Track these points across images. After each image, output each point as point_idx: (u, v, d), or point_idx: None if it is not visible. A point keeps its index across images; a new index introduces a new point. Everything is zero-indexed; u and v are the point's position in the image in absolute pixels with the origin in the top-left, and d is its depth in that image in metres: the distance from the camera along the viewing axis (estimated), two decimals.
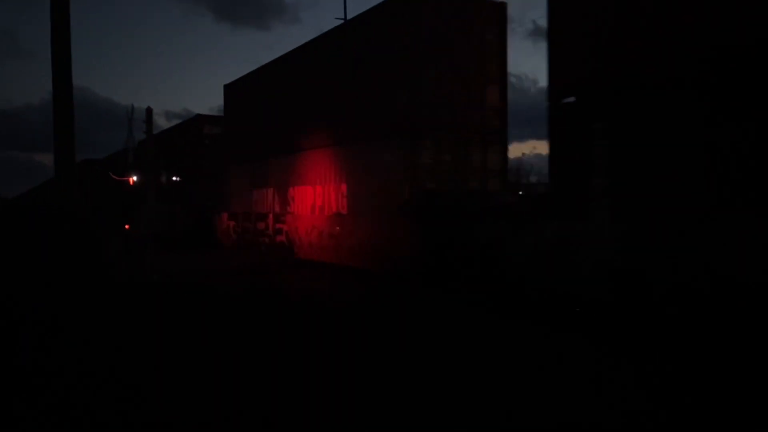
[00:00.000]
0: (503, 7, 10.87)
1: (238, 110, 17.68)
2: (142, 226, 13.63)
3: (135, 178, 16.99)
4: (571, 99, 6.98)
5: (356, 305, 8.37)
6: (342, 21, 34.76)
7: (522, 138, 56.62)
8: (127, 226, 15.90)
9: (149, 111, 17.30)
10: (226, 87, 18.18)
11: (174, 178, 19.31)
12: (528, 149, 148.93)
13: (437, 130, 10.29)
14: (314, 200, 13.09)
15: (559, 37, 7.32)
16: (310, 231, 13.12)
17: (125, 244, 14.14)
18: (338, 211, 12.03)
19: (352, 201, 11.67)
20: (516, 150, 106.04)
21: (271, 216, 15.02)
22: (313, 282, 10.65)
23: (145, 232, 13.02)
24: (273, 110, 15.06)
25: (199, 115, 22.89)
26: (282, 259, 13.30)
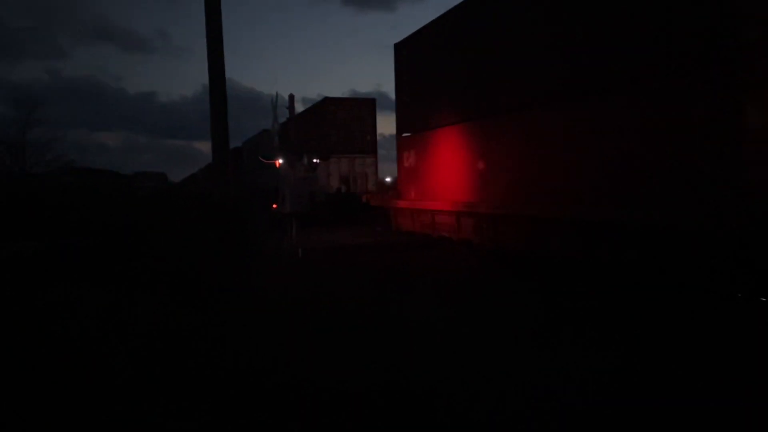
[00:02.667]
0: None
1: (415, 70, 14.39)
2: (286, 205, 14.98)
3: (280, 160, 18.59)
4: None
5: None
6: None
7: None
8: (274, 206, 17.55)
9: (291, 98, 18.71)
10: (397, 45, 15.28)
11: (315, 160, 20.81)
12: None
13: None
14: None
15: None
16: None
17: (271, 222, 15.69)
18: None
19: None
20: None
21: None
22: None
23: (289, 211, 14.40)
24: (462, 65, 11.71)
25: (326, 98, 26.01)
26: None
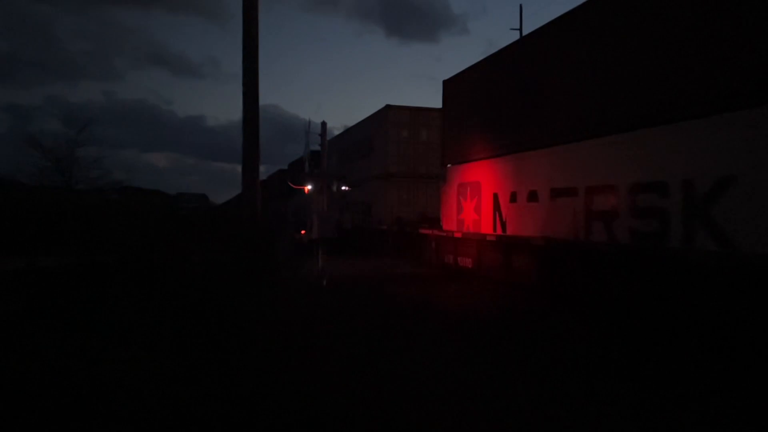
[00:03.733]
0: None
1: (462, 105, 15.04)
2: (314, 231, 15.17)
3: (309, 186, 18.93)
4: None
5: None
6: (517, 31, 34.43)
7: None
8: (303, 231, 17.84)
9: (324, 125, 19.12)
10: (446, 82, 16.14)
11: (344, 188, 21.06)
12: None
13: None
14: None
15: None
16: None
17: (296, 247, 15.91)
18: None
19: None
20: None
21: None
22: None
23: (316, 237, 14.58)
24: (514, 97, 12.10)
25: (387, 106, 22.70)
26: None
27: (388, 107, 20.90)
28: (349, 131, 27.02)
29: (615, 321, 7.99)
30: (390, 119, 20.85)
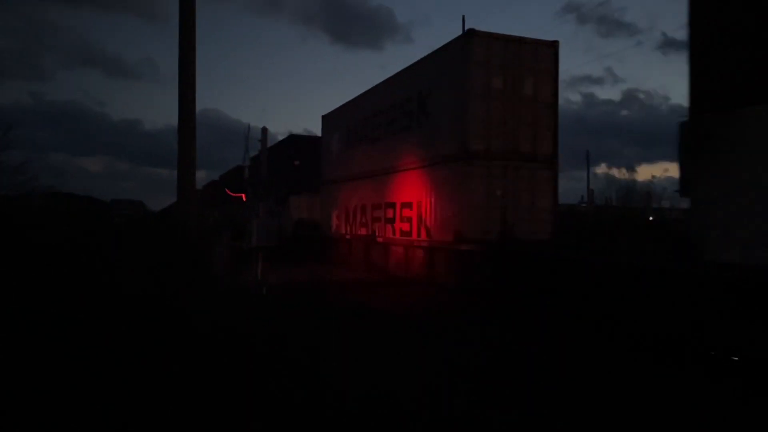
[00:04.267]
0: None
1: (330, 138, 21.07)
2: (253, 239, 14.87)
3: (247, 194, 18.57)
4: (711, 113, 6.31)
5: None
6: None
7: (651, 159, 52.84)
8: (241, 240, 17.46)
9: (264, 131, 18.80)
10: (324, 117, 21.44)
11: (283, 195, 20.84)
12: (659, 171, 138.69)
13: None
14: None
15: (701, 47, 6.63)
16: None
17: (236, 257, 15.55)
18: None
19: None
20: (645, 172, 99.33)
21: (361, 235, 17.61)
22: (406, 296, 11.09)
23: (255, 246, 14.28)
24: (354, 139, 18.60)
25: (291, 135, 25.61)
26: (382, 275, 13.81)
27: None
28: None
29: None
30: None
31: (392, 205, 15.42)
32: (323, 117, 21.68)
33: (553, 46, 12.50)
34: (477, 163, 12.02)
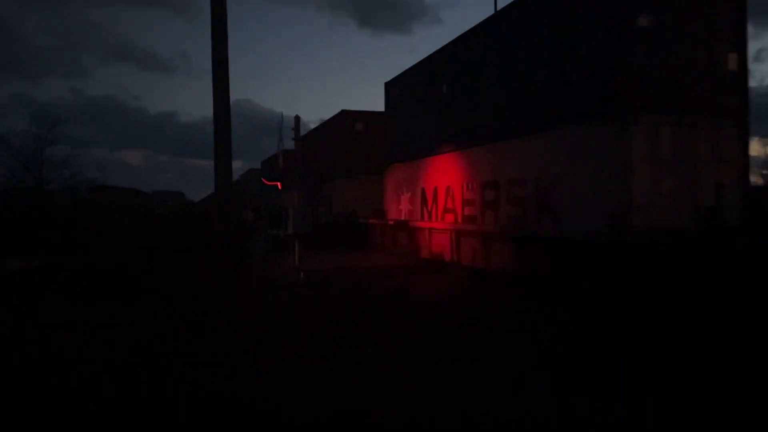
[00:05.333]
0: None
1: (400, 107, 16.66)
2: (289, 227, 15.15)
3: (282, 182, 18.87)
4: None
5: None
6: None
7: None
8: (279, 227, 17.81)
9: (297, 119, 19.01)
10: (387, 84, 17.51)
11: (319, 182, 20.95)
12: None
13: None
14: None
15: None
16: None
17: (272, 244, 15.89)
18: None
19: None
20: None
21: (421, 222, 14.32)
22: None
23: (291, 233, 14.56)
24: (437, 103, 13.79)
25: (344, 111, 21.39)
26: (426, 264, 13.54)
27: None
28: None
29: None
30: None
31: (494, 185, 11.20)
32: (387, 84, 17.42)
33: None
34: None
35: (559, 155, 9.09)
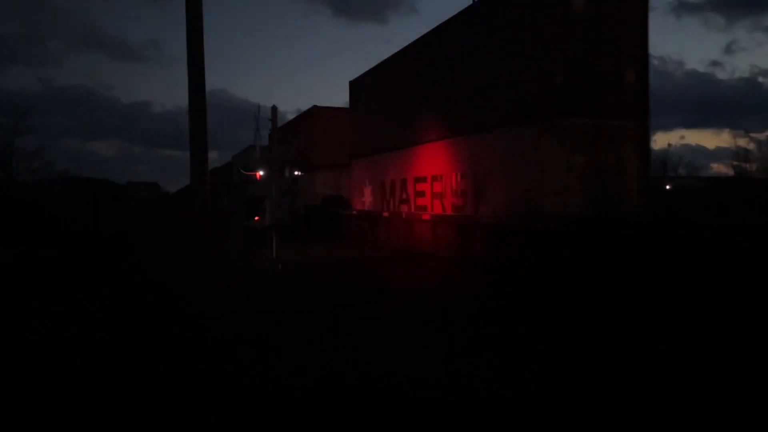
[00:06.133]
0: None
1: (362, 106, 18.45)
2: (266, 218, 15.04)
3: (261, 173, 18.73)
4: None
5: None
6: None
7: (667, 127, 51.71)
8: (256, 218, 17.67)
9: (274, 109, 18.88)
10: (351, 83, 19.04)
11: (296, 173, 20.91)
12: (675, 139, 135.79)
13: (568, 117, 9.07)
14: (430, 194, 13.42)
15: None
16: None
17: (248, 236, 15.82)
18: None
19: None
20: (661, 140, 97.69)
21: (386, 212, 16.05)
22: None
23: (268, 225, 14.48)
24: (392, 104, 15.61)
25: (315, 107, 22.77)
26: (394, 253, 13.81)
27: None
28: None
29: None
30: None
31: (438, 178, 13.01)
32: (351, 83, 19.14)
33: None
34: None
35: (493, 153, 10.83)
